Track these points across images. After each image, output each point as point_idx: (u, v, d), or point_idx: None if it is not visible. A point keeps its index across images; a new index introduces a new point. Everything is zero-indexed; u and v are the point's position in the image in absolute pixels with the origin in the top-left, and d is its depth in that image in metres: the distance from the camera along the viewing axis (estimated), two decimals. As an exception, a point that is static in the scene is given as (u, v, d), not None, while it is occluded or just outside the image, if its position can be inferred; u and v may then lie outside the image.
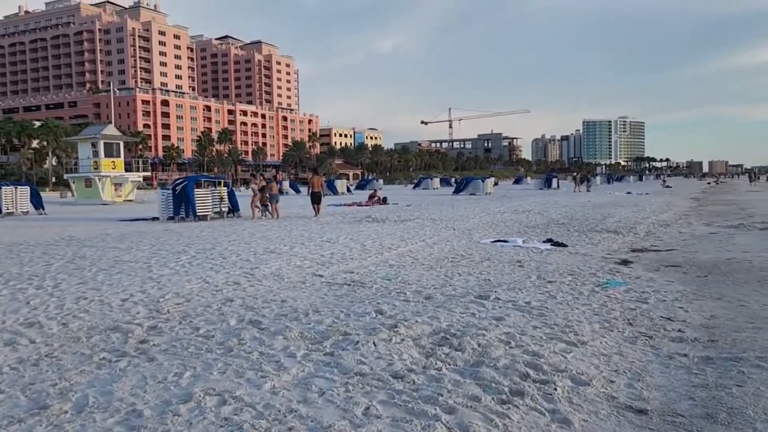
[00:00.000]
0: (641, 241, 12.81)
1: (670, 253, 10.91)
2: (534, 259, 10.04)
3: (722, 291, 7.29)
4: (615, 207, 23.25)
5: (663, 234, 14.12)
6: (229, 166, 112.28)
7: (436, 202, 30.07)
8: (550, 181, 56.26)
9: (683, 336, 5.28)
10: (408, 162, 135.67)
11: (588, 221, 16.86)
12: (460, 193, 42.45)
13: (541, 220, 17.75)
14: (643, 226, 15.51)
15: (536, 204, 26.53)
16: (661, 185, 61.34)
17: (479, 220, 17.60)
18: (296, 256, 10.22)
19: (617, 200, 29.63)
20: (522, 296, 6.76)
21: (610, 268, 9.01)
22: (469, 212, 21.33)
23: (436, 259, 10.01)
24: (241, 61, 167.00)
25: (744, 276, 8.31)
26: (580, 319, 5.74)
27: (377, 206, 27.62)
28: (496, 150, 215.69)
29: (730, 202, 28.08)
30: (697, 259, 10.04)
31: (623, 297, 6.86)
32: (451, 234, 13.93)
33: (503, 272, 8.61)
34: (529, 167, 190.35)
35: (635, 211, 20.99)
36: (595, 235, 13.51)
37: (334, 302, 6.54)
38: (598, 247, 11.89)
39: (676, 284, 7.79)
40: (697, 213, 21.32)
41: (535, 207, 24.12)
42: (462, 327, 5.36)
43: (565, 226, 15.51)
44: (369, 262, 9.68)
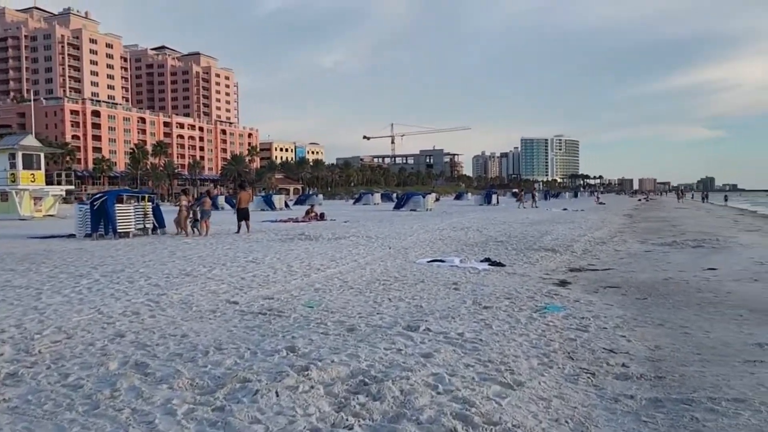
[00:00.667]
0: (578, 260, 12.53)
1: (608, 273, 10.61)
2: (470, 280, 9.50)
3: (663, 316, 6.90)
4: (552, 224, 23.25)
5: (600, 252, 13.93)
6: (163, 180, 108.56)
7: (375, 218, 29.46)
8: (490, 197, 56.72)
9: (628, 372, 4.76)
10: (349, 177, 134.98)
11: (526, 239, 16.59)
12: (400, 209, 42.02)
13: (479, 237, 17.37)
14: (579, 244, 15.33)
15: (475, 220, 26.31)
16: (595, 202, 62.95)
17: (417, 238, 17.06)
18: (213, 280, 9.30)
19: (554, 217, 29.83)
20: (455, 326, 6.13)
21: (548, 290, 8.55)
22: (408, 229, 20.80)
23: (367, 281, 9.31)
24: (178, 72, 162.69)
25: (683, 298, 8.00)
26: (517, 354, 5.15)
27: (314, 222, 26.76)
28: (438, 166, 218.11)
29: (661, 219, 28.73)
30: (635, 279, 9.74)
31: (562, 324, 6.34)
32: (386, 253, 13.28)
33: (437, 296, 7.99)
34: (470, 183, 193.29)
35: (572, 228, 20.98)
36: (532, 254, 13.16)
37: (242, 337, 5.72)
38: (536, 266, 11.49)
39: (616, 308, 7.37)
40: (631, 230, 21.53)
41: (474, 224, 23.85)
42: (384, 367, 4.66)
43: (503, 244, 15.14)
44: (293, 285, 8.88)
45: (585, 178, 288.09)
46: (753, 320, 6.57)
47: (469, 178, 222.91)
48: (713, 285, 9.05)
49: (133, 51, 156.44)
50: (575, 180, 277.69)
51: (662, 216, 32.22)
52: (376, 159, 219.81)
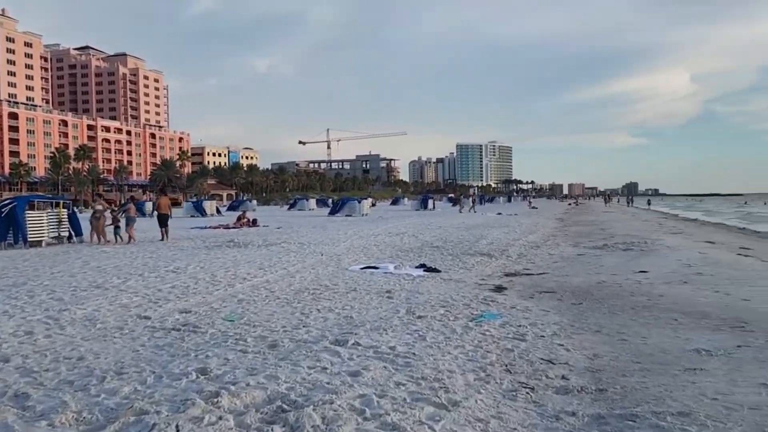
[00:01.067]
0: (514, 264, 12.41)
1: (543, 278, 10.49)
2: (405, 287, 9.12)
3: (600, 321, 6.72)
4: (487, 228, 23.32)
5: (534, 256, 13.89)
6: (87, 186, 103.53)
7: (309, 224, 28.82)
8: (426, 202, 56.94)
9: (568, 385, 4.47)
10: (285, 182, 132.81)
11: (462, 244, 16.44)
12: (336, 215, 41.46)
13: (415, 242, 17.10)
14: (514, 248, 15.29)
15: (411, 225, 26.12)
16: (527, 206, 64.43)
17: (351, 244, 16.61)
18: (126, 292, 8.53)
19: (489, 221, 30.08)
20: (387, 339, 5.71)
21: (484, 297, 8.28)
22: (342, 235, 20.32)
23: (296, 291, 8.78)
24: (103, 73, 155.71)
25: (618, 302, 7.89)
26: (452, 369, 4.77)
27: (245, 229, 25.84)
28: (375, 171, 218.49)
29: (591, 223, 29.45)
30: (570, 284, 9.63)
31: (499, 333, 6.03)
32: (317, 260, 12.75)
33: (369, 306, 7.56)
34: (406, 188, 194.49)
35: (506, 232, 21.07)
36: (468, 259, 12.95)
37: (149, 358, 5.09)
38: (472, 271, 11.27)
39: (553, 314, 7.16)
40: (563, 234, 21.84)
41: (410, 229, 23.63)
42: (306, 390, 4.17)
43: (439, 250, 14.90)
44: (215, 297, 8.24)
45: (518, 183, 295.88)
46: (687, 324, 6.48)
47: (406, 183, 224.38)
48: (645, 288, 9.04)
49: (55, 51, 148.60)
50: (509, 185, 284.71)
51: (592, 220, 33.10)
52: (312, 164, 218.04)
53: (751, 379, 4.49)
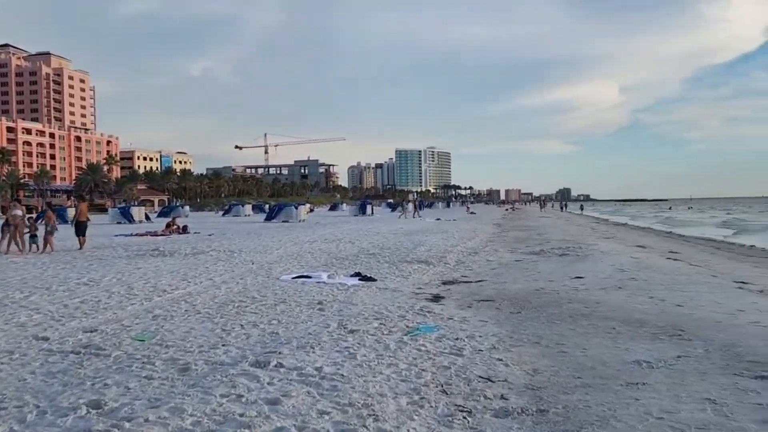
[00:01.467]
0: (452, 272, 12.16)
1: (481, 285, 10.25)
2: (338, 298, 8.65)
3: (539, 332, 6.47)
4: (426, 234, 23.14)
5: (472, 263, 13.70)
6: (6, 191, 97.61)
7: (243, 231, 27.88)
8: (365, 207, 56.62)
9: (508, 406, 4.12)
10: (220, 188, 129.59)
11: (399, 250, 16.10)
12: (272, 221, 40.54)
13: (351, 249, 16.64)
14: (453, 255, 15.08)
15: (349, 232, 25.66)
16: (466, 212, 65.14)
17: (285, 251, 15.98)
18: (27, 308, 7.68)
19: (427, 227, 29.98)
20: (314, 358, 5.22)
21: (421, 307, 7.92)
22: (276, 242, 19.63)
23: (220, 304, 8.15)
24: (24, 73, 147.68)
25: (556, 310, 7.69)
26: (384, 392, 4.35)
27: (175, 236, 24.71)
28: (313, 176, 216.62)
29: (527, 228, 29.82)
30: (508, 291, 9.42)
31: (435, 348, 5.66)
32: (247, 269, 12.10)
33: (298, 320, 7.05)
34: (345, 194, 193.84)
35: (445, 238, 20.93)
36: (405, 266, 12.61)
37: (37, 388, 4.42)
38: (409, 280, 10.92)
39: (491, 325, 6.86)
40: (501, 239, 21.91)
41: (347, 235, 23.16)
42: (215, 425, 3.64)
43: (375, 257, 14.50)
44: (128, 312, 7.51)
45: (457, 189, 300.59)
46: (625, 333, 6.30)
47: (345, 189, 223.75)
48: (582, 295, 8.91)
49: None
50: (448, 190, 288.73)
51: (528, 225, 33.59)
52: (250, 169, 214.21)
53: (695, 394, 4.28)
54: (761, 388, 4.35)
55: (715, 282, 10.58)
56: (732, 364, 4.98)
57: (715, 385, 4.45)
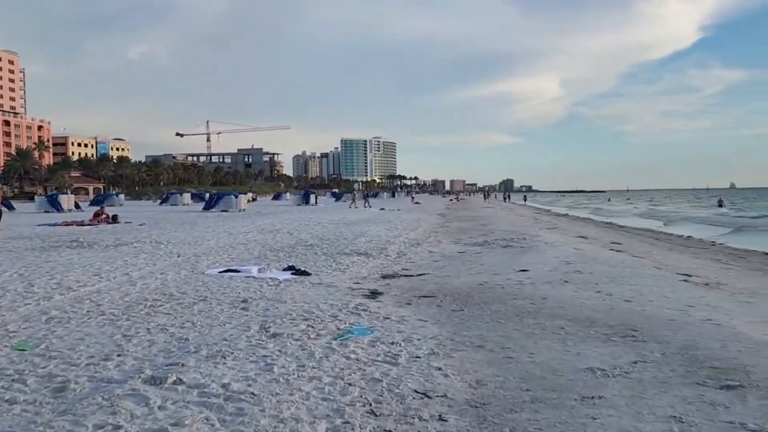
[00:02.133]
0: (393, 264, 11.52)
1: (423, 279, 9.65)
2: (266, 295, 7.87)
3: (482, 333, 5.89)
4: (368, 224, 22.48)
5: (414, 255, 13.12)
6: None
7: (178, 220, 26.51)
8: (308, 197, 55.56)
9: (446, 431, 3.48)
10: (159, 176, 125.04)
11: (339, 241, 15.37)
12: (210, 210, 38.99)
13: (289, 240, 15.80)
14: (394, 246, 14.45)
15: (289, 222, 24.72)
16: (411, 202, 64.90)
17: (217, 243, 14.99)
18: None
19: (371, 217, 29.33)
20: (222, 371, 4.45)
21: (356, 305, 7.24)
22: (210, 232, 18.55)
23: (130, 303, 7.24)
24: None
25: (501, 307, 7.15)
26: (300, 415, 3.64)
27: (102, 226, 23.16)
28: (257, 165, 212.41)
29: (471, 218, 29.59)
30: (451, 286, 8.85)
31: (367, 355, 4.99)
32: (171, 262, 11.12)
33: (216, 321, 6.24)
34: (290, 183, 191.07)
35: (387, 228, 20.31)
36: (344, 259, 11.90)
37: None
38: (346, 273, 10.22)
39: (431, 325, 6.25)
40: (444, 230, 21.47)
41: (287, 225, 22.24)
42: (74, 470, 2.84)
43: (313, 248, 13.72)
44: (18, 314, 6.52)
45: (402, 179, 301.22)
46: (575, 334, 5.80)
47: (290, 178, 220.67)
48: (528, 290, 8.43)
49: None
50: (393, 180, 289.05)
51: (472, 215, 33.42)
52: (191, 157, 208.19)
53: (658, 410, 3.75)
54: (728, 401, 3.86)
55: (660, 274, 10.35)
56: (693, 371, 4.51)
57: (679, 398, 3.95)
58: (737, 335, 5.60)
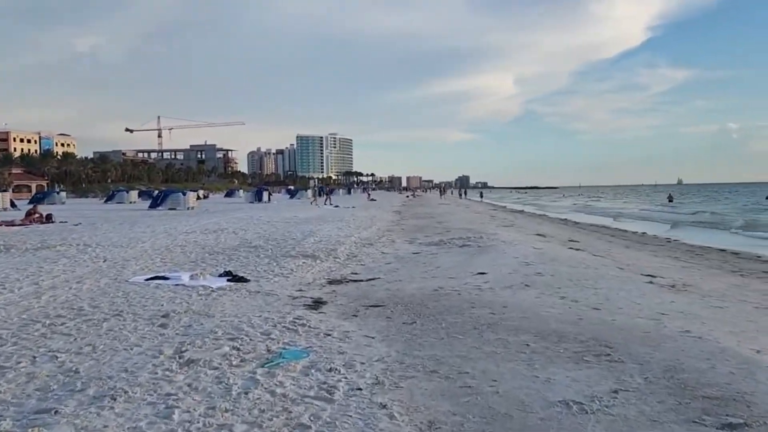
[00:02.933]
0: (341, 268, 10.64)
1: (372, 285, 8.80)
2: (192, 308, 6.89)
3: (438, 352, 5.09)
4: (320, 223, 21.51)
5: (366, 256, 12.26)
6: None
7: (118, 220, 24.95)
8: (261, 194, 54.18)
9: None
10: (107, 172, 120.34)
11: (286, 242, 14.38)
12: (157, 208, 37.29)
13: (233, 241, 14.72)
14: (345, 247, 13.55)
15: (237, 220, 23.52)
16: (366, 198, 64.04)
17: (152, 245, 13.80)
18: None
19: (324, 215, 28.36)
20: (103, 421, 3.49)
21: (295, 318, 6.34)
22: (149, 233, 17.27)
23: (28, 320, 6.16)
24: None
25: (458, 319, 6.37)
26: (194, 489, 2.73)
27: (34, 226, 21.49)
28: (210, 162, 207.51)
29: (427, 215, 28.94)
30: (403, 293, 8.04)
31: (297, 389, 4.11)
32: (93, 269, 9.97)
33: (123, 345, 5.25)
34: (244, 180, 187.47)
35: (340, 227, 19.38)
36: (289, 262, 10.95)
37: None
38: (289, 279, 9.30)
39: (378, 343, 5.42)
40: (399, 228, 20.70)
41: (234, 224, 21.07)
42: None
43: (257, 250, 12.72)
44: None
45: (359, 176, 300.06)
46: (542, 352, 5.05)
47: (245, 175, 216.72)
48: (487, 296, 7.69)
49: None
50: (349, 177, 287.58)
51: (428, 212, 32.79)
52: (142, 154, 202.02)
53: (653, 464, 3.00)
54: (737, 448, 3.15)
55: (624, 276, 9.79)
56: (685, 403, 3.79)
57: (677, 445, 3.21)
58: (723, 351, 4.94)
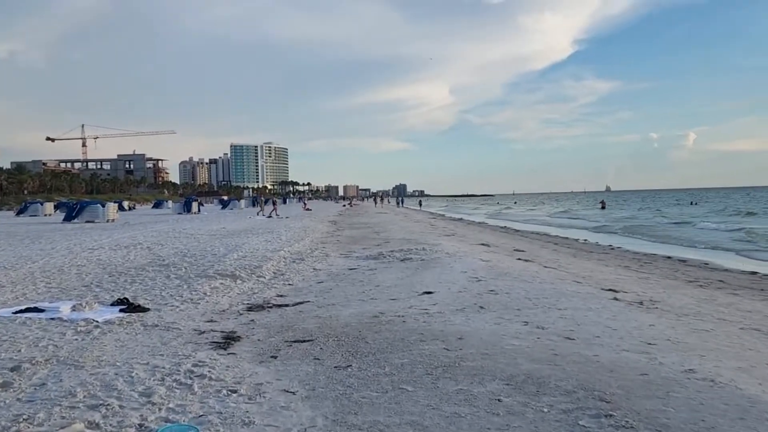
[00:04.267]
0: (265, 289, 9.13)
1: (300, 312, 7.36)
2: (59, 353, 5.28)
3: (381, 418, 3.74)
4: (248, 235, 19.79)
5: (295, 274, 10.77)
6: None
7: (21, 235, 22.37)
8: (190, 204, 51.45)
9: None
10: (23, 184, 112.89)
11: (205, 258, 12.69)
12: (73, 221, 34.41)
13: (142, 259, 12.90)
14: (272, 263, 12.01)
15: (157, 233, 21.46)
16: (302, 208, 62.16)
17: (43, 265, 11.83)
18: None
19: (254, 226, 26.57)
20: None
21: (193, 365, 4.86)
22: (47, 249, 15.14)
23: None
24: None
25: (404, 359, 5.04)
26: None
27: None
28: (139, 172, 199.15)
29: (364, 225, 27.60)
30: (336, 321, 6.64)
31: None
32: (-48, 299, 8.06)
33: (-74, 423, 3.61)
34: (175, 190, 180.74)
35: (269, 240, 17.74)
36: (203, 284, 9.34)
37: None
38: (200, 306, 7.74)
39: (301, 403, 4.02)
40: (335, 239, 19.25)
41: (152, 238, 19.07)
42: None
43: (168, 269, 11.01)
44: None
45: (295, 185, 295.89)
46: (521, 414, 3.78)
47: (176, 185, 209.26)
48: (437, 323, 6.40)
49: None
50: (285, 186, 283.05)
51: (365, 222, 31.47)
52: (65, 164, 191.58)
53: None
54: None
55: (585, 291, 8.73)
56: None
57: None
58: (754, 404, 3.81)
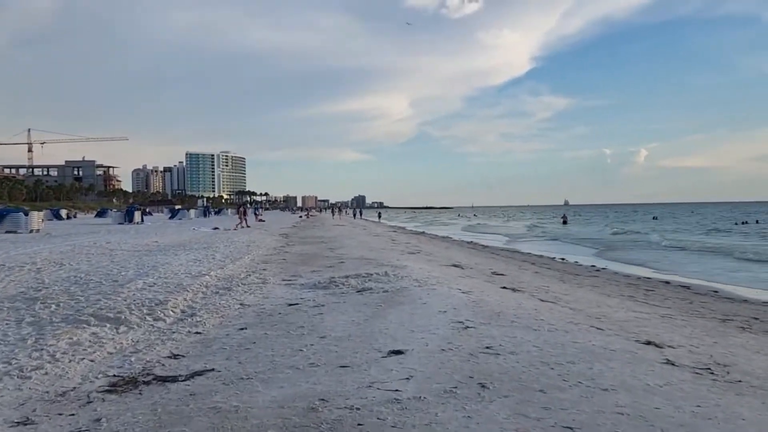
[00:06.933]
0: (158, 342, 6.21)
1: (192, 394, 4.49)
2: None
3: None
4: (177, 252, 16.66)
5: (211, 313, 7.82)
6: None
7: None
8: (132, 214, 47.58)
9: None
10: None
11: (99, 287, 9.63)
12: (-11, 231, 30.49)
13: (14, 287, 9.78)
14: (186, 295, 9.03)
15: (71, 248, 18.12)
16: (255, 219, 58.68)
17: None
18: None
19: (193, 239, 23.38)
20: None
21: None
22: None
23: None
24: None
25: None
26: None
27: None
28: (89, 179, 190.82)
29: (318, 240, 24.66)
30: (244, 421, 3.81)
31: None
32: None
33: None
34: (126, 199, 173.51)
35: (198, 259, 14.67)
36: (63, 335, 6.35)
37: None
38: (31, 380, 4.81)
39: None
40: (281, 257, 16.29)
41: (58, 255, 15.79)
42: None
43: (32, 305, 7.94)
44: None
45: (252, 195, 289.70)
46: None
47: (128, 193, 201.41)
48: (418, 427, 3.65)
49: None
50: (242, 196, 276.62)
51: (320, 236, 28.52)
52: (8, 170, 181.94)
53: None
54: None
55: (621, 349, 6.10)
56: None
57: None
58: None
